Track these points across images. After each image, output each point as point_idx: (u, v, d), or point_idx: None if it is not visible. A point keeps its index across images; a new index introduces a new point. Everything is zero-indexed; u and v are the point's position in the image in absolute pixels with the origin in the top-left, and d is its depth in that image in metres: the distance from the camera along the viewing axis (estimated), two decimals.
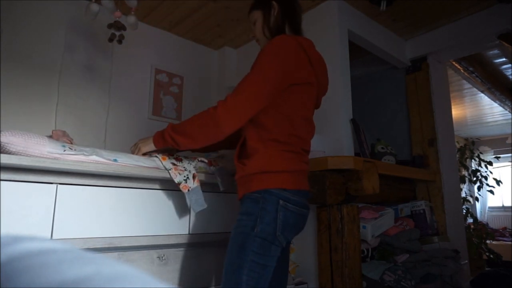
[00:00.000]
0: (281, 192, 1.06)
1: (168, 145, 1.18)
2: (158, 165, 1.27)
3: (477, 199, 5.57)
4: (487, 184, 4.96)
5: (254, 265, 1.02)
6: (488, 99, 4.14)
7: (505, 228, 5.73)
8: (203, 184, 1.53)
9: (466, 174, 4.87)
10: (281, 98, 1.10)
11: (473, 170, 5.03)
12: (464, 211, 4.10)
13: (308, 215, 1.19)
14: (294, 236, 1.15)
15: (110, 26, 1.77)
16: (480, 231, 4.08)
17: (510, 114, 4.62)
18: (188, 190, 1.28)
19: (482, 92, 3.74)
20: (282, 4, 1.23)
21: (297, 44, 1.11)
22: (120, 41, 1.80)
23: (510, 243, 4.79)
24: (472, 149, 5.39)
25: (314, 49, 1.22)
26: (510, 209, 6.22)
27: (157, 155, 1.29)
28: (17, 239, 0.23)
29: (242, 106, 1.04)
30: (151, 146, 1.25)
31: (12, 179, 1.05)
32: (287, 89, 1.10)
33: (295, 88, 1.11)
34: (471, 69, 3.07)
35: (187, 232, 1.45)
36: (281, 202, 1.05)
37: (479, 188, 4.98)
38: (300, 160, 1.14)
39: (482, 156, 5.29)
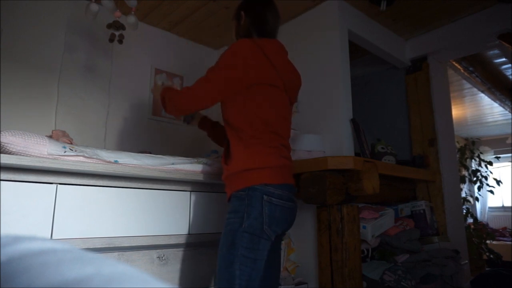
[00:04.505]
0: (264, 187, 1.11)
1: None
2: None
3: (477, 199, 5.57)
4: (487, 184, 4.96)
5: (245, 260, 1.06)
6: (488, 99, 4.14)
7: (505, 228, 5.72)
8: (202, 184, 1.53)
9: (466, 174, 4.87)
10: (248, 99, 1.17)
11: (473, 170, 5.03)
12: (464, 211, 4.10)
13: (296, 209, 1.23)
14: (283, 230, 1.18)
15: (109, 26, 1.77)
16: (480, 231, 4.08)
17: (510, 114, 4.62)
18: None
19: (482, 92, 3.74)
20: (249, 14, 1.31)
21: (255, 46, 1.17)
22: (120, 41, 1.80)
23: (510, 243, 4.78)
24: (472, 149, 5.39)
25: (278, 50, 1.27)
26: (510, 209, 6.22)
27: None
28: (17, 239, 0.23)
29: (194, 100, 1.20)
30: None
31: (12, 179, 1.05)
32: (252, 90, 1.16)
33: (258, 88, 1.17)
34: (471, 69, 3.07)
35: (187, 232, 1.45)
36: (265, 197, 1.10)
37: (479, 188, 4.99)
38: (280, 155, 1.19)
39: (482, 156, 5.29)
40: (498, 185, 4.94)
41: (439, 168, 2.37)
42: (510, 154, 6.08)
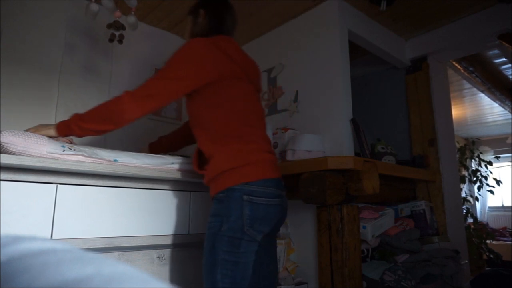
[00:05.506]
0: (243, 187, 1.07)
1: (72, 133, 1.14)
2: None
3: (477, 199, 5.57)
4: (487, 184, 4.96)
5: (226, 263, 1.04)
6: (488, 99, 4.14)
7: (505, 228, 5.73)
8: (202, 184, 1.53)
9: (466, 174, 4.87)
10: (216, 96, 1.14)
11: (473, 170, 5.03)
12: (464, 211, 4.10)
13: (285, 204, 1.18)
14: (271, 228, 1.13)
15: (109, 26, 1.77)
16: (480, 231, 4.08)
17: (510, 114, 4.62)
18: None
19: (482, 92, 3.74)
20: (209, 13, 1.29)
21: (210, 44, 1.14)
22: (120, 41, 1.80)
23: (510, 243, 4.79)
24: (472, 149, 5.39)
25: (234, 46, 1.23)
26: (510, 209, 6.22)
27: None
28: (17, 239, 0.23)
29: (146, 100, 1.11)
30: (50, 132, 1.15)
31: (12, 179, 1.05)
32: (217, 86, 1.14)
33: (223, 83, 1.15)
34: (471, 69, 3.07)
35: (187, 232, 1.45)
36: (245, 197, 1.06)
37: (479, 188, 4.99)
38: (259, 149, 1.14)
39: (482, 156, 5.29)
40: (498, 185, 4.95)
41: (439, 168, 2.37)
42: (510, 154, 6.08)
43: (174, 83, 1.11)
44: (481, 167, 5.14)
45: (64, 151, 1.09)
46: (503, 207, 6.49)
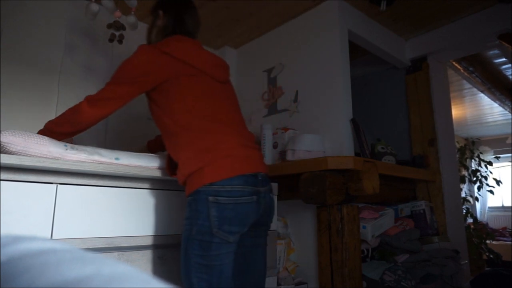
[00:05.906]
0: (208, 188, 1.04)
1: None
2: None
3: (477, 199, 5.57)
4: (487, 184, 4.97)
5: (199, 267, 1.03)
6: (488, 99, 4.14)
7: (505, 228, 5.73)
8: None
9: (466, 174, 4.87)
10: (167, 98, 1.16)
11: (473, 170, 5.03)
12: (464, 211, 4.10)
13: (263, 199, 1.11)
14: (250, 227, 1.10)
15: (109, 26, 1.77)
16: (480, 231, 4.08)
17: (510, 114, 4.62)
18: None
19: (482, 92, 3.74)
20: (167, 14, 1.28)
21: (153, 49, 1.17)
22: (120, 41, 1.80)
23: (510, 243, 4.79)
24: (472, 149, 5.40)
25: (184, 45, 1.21)
26: (510, 209, 6.22)
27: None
28: (17, 239, 0.23)
29: (102, 103, 1.19)
30: None
31: (12, 179, 1.05)
32: (167, 87, 1.15)
33: (171, 83, 1.15)
34: (471, 69, 3.07)
35: None
36: (210, 198, 1.03)
37: (479, 188, 4.99)
38: (226, 146, 1.10)
39: (482, 156, 5.30)
40: (498, 185, 4.95)
41: (439, 168, 2.37)
42: (510, 154, 6.08)
43: (124, 87, 1.19)
44: (481, 167, 5.14)
45: (66, 150, 1.09)
46: (503, 207, 6.49)
